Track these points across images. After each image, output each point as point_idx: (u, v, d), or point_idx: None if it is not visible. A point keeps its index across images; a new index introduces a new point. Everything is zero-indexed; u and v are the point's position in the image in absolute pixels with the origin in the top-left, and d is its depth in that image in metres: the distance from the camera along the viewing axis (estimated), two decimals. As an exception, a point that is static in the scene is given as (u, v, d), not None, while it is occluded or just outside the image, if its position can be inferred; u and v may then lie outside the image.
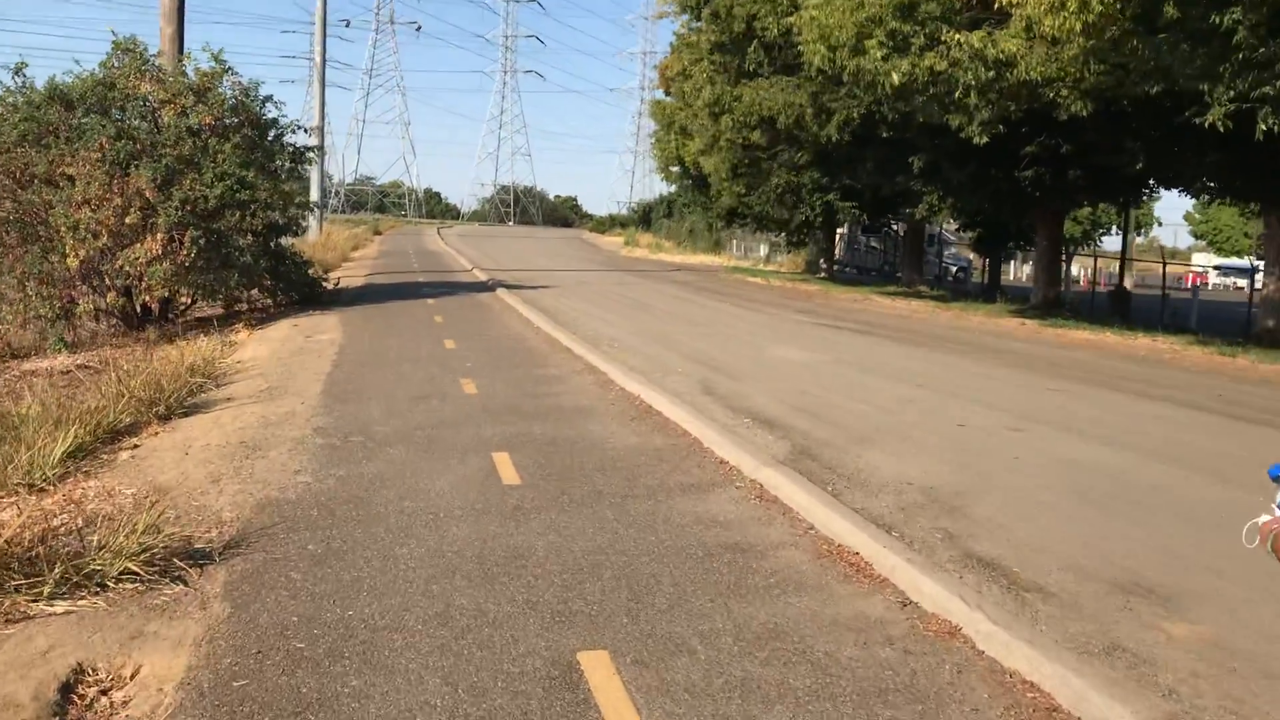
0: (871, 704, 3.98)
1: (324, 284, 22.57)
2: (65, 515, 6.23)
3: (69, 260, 16.61)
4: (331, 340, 15.31)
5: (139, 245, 16.99)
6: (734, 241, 63.22)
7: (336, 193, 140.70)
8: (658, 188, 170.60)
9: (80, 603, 4.91)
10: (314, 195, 46.70)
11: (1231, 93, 14.32)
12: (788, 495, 6.84)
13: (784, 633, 4.66)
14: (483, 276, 31.40)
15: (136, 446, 8.56)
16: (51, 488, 7.07)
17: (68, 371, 14.80)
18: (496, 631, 4.59)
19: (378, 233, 74.71)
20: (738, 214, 39.79)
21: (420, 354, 13.77)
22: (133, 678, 4.34)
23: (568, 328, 17.00)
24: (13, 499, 6.78)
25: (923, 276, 37.21)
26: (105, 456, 8.18)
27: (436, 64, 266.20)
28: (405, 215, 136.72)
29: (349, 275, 30.68)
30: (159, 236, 17.00)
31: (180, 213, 17.24)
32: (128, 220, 16.92)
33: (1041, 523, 6.29)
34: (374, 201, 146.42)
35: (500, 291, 25.03)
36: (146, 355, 16.59)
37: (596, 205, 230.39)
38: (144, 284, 17.24)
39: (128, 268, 16.94)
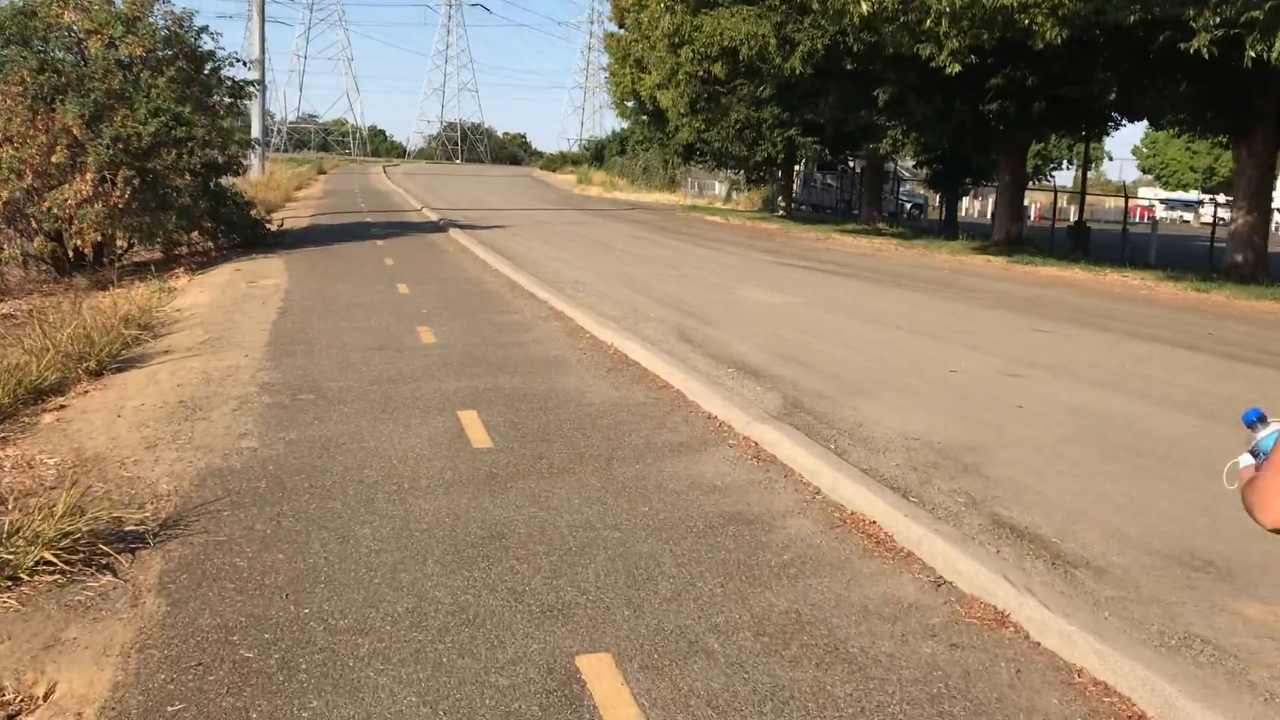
0: (928, 718, 3.41)
1: (267, 225, 21.48)
2: (-28, 494, 5.48)
3: (-11, 202, 15.46)
4: (276, 285, 14.42)
5: (68, 186, 15.87)
6: (689, 179, 62.31)
7: (279, 131, 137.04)
8: (609, 124, 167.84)
9: (-15, 604, 4.19)
10: (255, 132, 45.00)
11: (1218, 18, 13.76)
12: (787, 455, 6.24)
13: (809, 624, 4.07)
14: (433, 216, 30.36)
15: (63, 408, 7.75)
16: (-41, 459, 6.28)
17: (-10, 322, 13.80)
18: (479, 631, 3.95)
19: (322, 172, 72.70)
20: (696, 150, 38.95)
21: (372, 300, 12.96)
22: (46, 698, 3.64)
23: (528, 270, 16.23)
24: (-88, 474, 6.01)
25: (881, 214, 36.70)
26: (26, 420, 7.37)
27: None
28: (350, 154, 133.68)
29: (293, 216, 29.47)
30: (89, 176, 15.88)
31: (111, 151, 16.10)
32: (54, 159, 15.77)
33: (1069, 483, 5.75)
34: (318, 140, 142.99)
35: (453, 232, 24.09)
36: (77, 304, 15.62)
37: (546, 143, 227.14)
38: (74, 227, 16.14)
39: (56, 210, 15.81)
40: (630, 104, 43.42)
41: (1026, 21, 16.63)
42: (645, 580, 4.44)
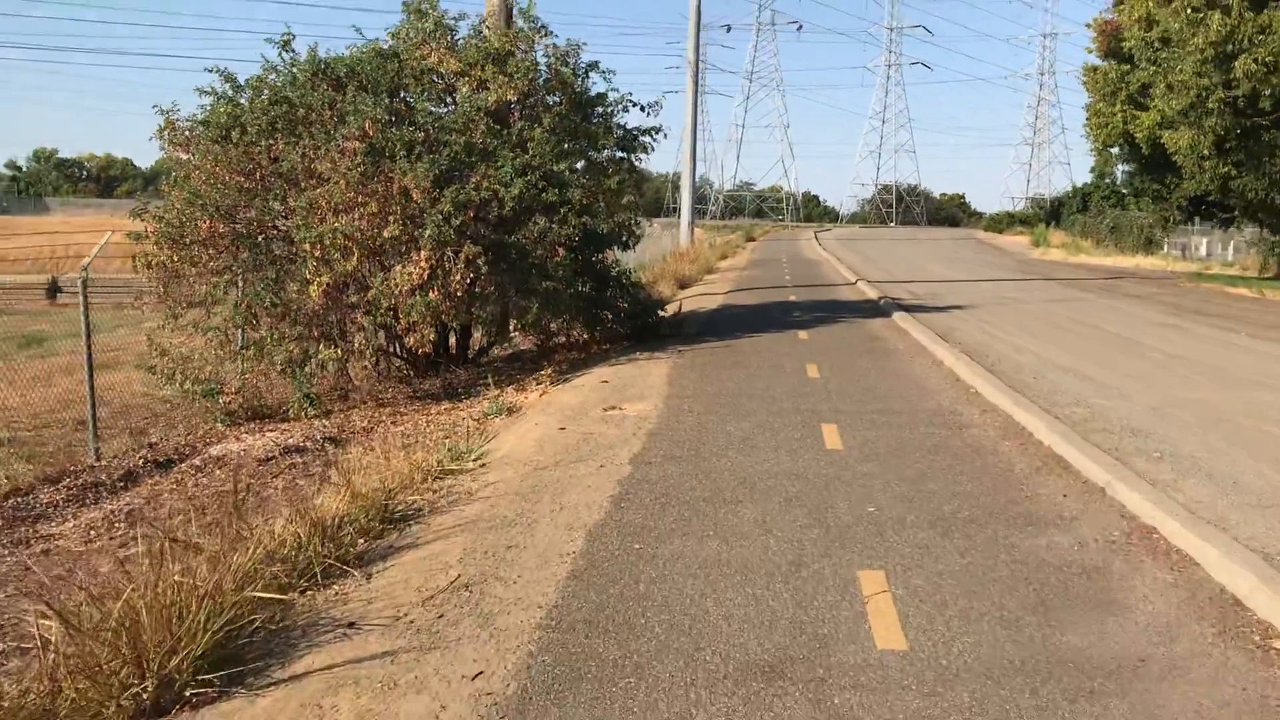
0: None
1: (659, 313, 16.91)
2: None
3: (311, 289, 12.02)
4: (642, 417, 9.44)
5: (399, 268, 12.12)
6: (1168, 239, 51.92)
7: (716, 199, 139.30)
8: (1057, 182, 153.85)
9: None
10: (684, 200, 42.34)
11: None
12: None
13: None
14: (870, 293, 24.69)
15: None
16: None
17: (269, 458, 10.07)
18: None
19: (751, 239, 70.12)
20: (1211, 202, 30.18)
21: (779, 466, 7.48)
22: None
23: (1027, 392, 10.05)
24: None
25: None
26: None
27: (817, 63, 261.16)
28: (783, 219, 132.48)
29: (707, 293, 25.20)
30: (423, 255, 12.03)
31: (458, 221, 12.16)
32: (386, 233, 12.08)
33: None
34: (752, 207, 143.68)
35: (898, 317, 18.23)
36: (410, 421, 11.76)
37: (986, 203, 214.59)
38: (401, 321, 12.36)
39: (383, 300, 12.11)
40: (1116, 149, 35.17)
41: None
42: None
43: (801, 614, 4.69)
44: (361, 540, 6.15)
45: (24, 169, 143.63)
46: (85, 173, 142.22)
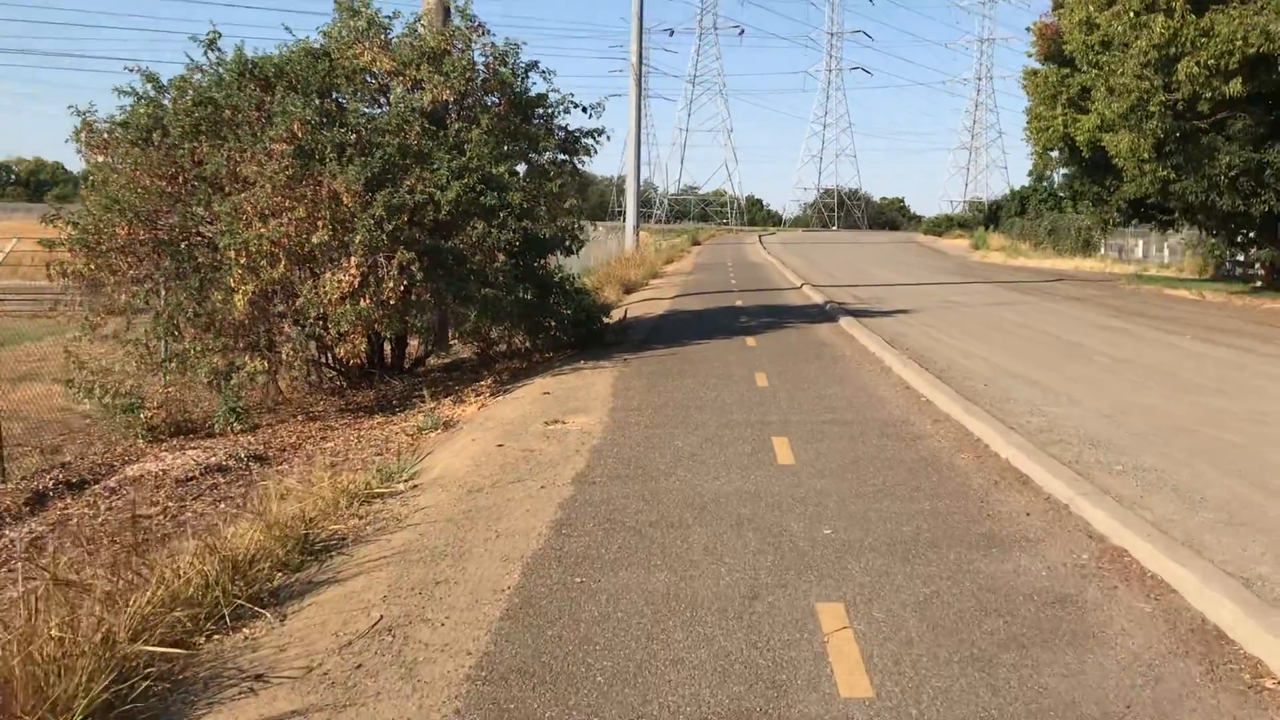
0: None
1: (604, 320, 16.47)
2: None
3: (236, 298, 11.41)
4: (585, 432, 9.00)
5: (329, 275, 11.56)
6: (1104, 242, 52.65)
7: (661, 203, 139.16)
8: (994, 186, 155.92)
9: None
10: (629, 206, 41.88)
11: None
12: None
13: None
14: (816, 297, 24.49)
15: None
16: None
17: (189, 479, 9.47)
18: None
19: (696, 243, 70.00)
20: (1150, 205, 30.48)
21: (730, 484, 7.09)
22: None
23: (980, 401, 9.79)
24: None
25: None
26: None
27: (759, 67, 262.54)
28: (727, 223, 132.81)
29: (652, 298, 24.84)
30: (353, 261, 11.48)
31: (390, 225, 11.63)
32: (315, 238, 11.52)
33: None
34: (697, 211, 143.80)
35: (844, 322, 17.98)
36: (340, 436, 11.21)
37: (925, 206, 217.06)
38: (331, 331, 11.80)
39: (312, 309, 11.54)
40: (1055, 153, 35.41)
41: None
42: None
43: (758, 656, 4.29)
44: (279, 574, 5.66)
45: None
46: (13, 176, 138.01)
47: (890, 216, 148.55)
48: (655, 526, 6.09)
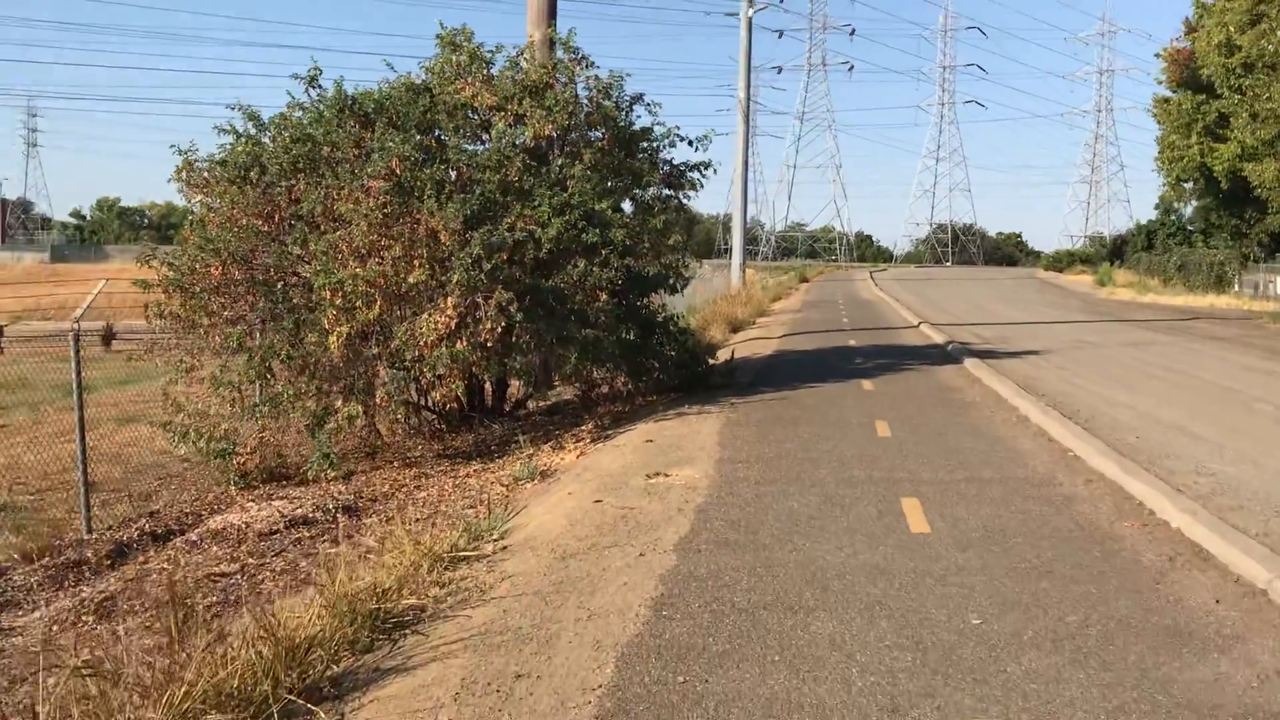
0: None
1: (709, 362, 15.67)
2: None
3: (330, 339, 11.00)
4: (690, 487, 8.22)
5: (425, 317, 11.06)
6: (1239, 278, 49.74)
7: (768, 240, 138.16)
8: (1116, 220, 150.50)
9: None
10: (735, 240, 41.18)
11: None
12: None
13: None
14: (935, 336, 23.27)
15: None
16: None
17: (272, 532, 8.99)
18: None
19: (804, 280, 68.81)
20: (1299, 239, 28.47)
21: (855, 556, 6.20)
22: None
23: (1134, 457, 8.67)
24: None
25: None
26: None
27: (869, 102, 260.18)
28: (835, 260, 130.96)
29: (760, 337, 23.98)
30: (450, 302, 10.97)
31: (487, 264, 11.10)
32: (411, 278, 11.05)
33: None
34: (805, 248, 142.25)
35: (969, 364, 16.82)
36: (435, 485, 10.67)
37: (1043, 241, 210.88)
38: (426, 375, 11.29)
39: (407, 351, 11.05)
40: (1189, 184, 33.46)
41: None
42: None
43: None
44: (346, 654, 5.01)
45: (88, 218, 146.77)
46: (146, 220, 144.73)
47: (1007, 252, 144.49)
48: (770, 610, 5.25)
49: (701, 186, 15.19)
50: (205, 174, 12.80)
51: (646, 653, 4.72)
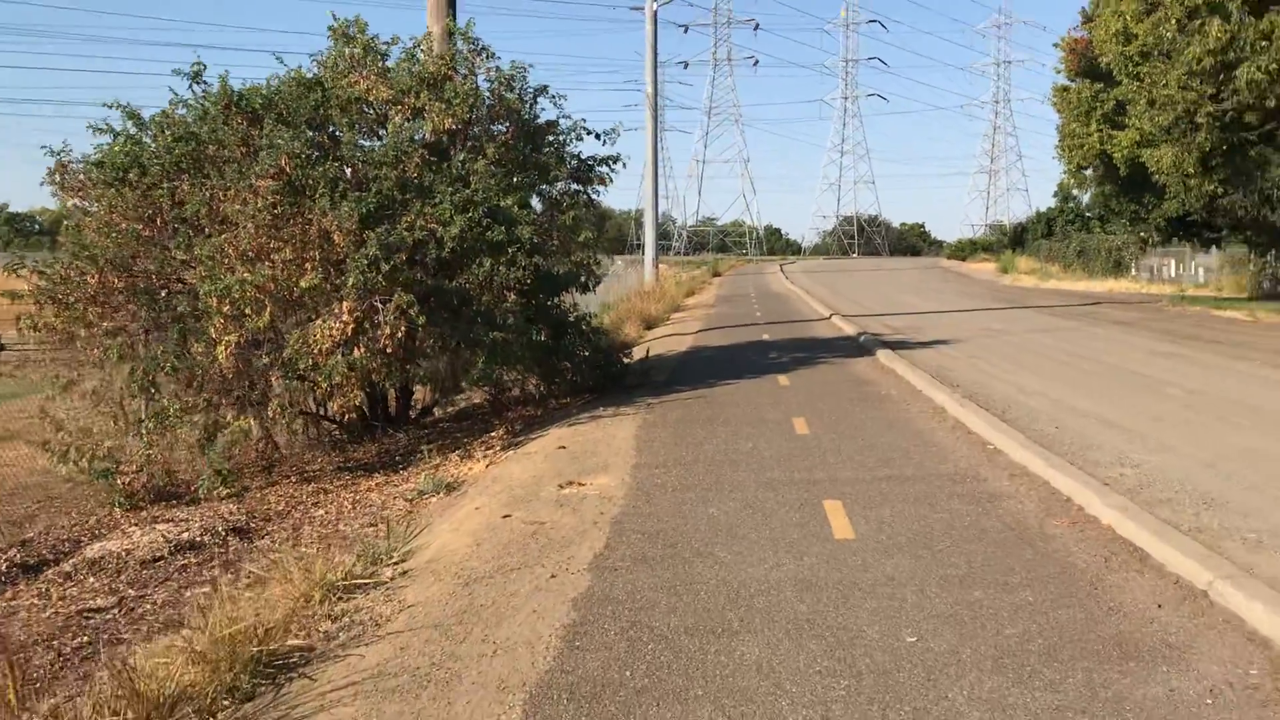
0: None
1: (624, 360, 15.30)
2: None
3: (217, 349, 10.32)
4: (605, 496, 7.80)
5: (318, 323, 10.44)
6: (1135, 262, 51.12)
7: (679, 235, 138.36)
8: (1015, 209, 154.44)
9: None
10: (647, 237, 40.83)
11: None
12: None
13: None
14: (847, 328, 23.24)
15: None
16: None
17: (156, 559, 8.32)
18: None
19: (716, 274, 68.91)
20: (1192, 223, 29.20)
21: (780, 569, 5.84)
22: None
23: (1055, 448, 8.52)
24: None
25: None
26: None
27: (774, 96, 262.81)
28: (746, 253, 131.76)
29: (675, 333, 23.68)
30: (346, 307, 10.38)
31: (385, 265, 10.52)
32: (303, 282, 10.42)
33: None
34: (715, 242, 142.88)
35: (882, 355, 16.73)
36: (333, 502, 10.07)
37: (945, 231, 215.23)
38: (321, 386, 10.68)
39: (300, 360, 10.42)
40: (1089, 171, 34.18)
41: None
42: None
43: None
44: (226, 702, 4.48)
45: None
46: (38, 226, 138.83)
47: (911, 242, 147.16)
48: (692, 635, 4.86)
49: (611, 181, 14.79)
50: (81, 176, 11.97)
51: (557, 693, 4.28)
